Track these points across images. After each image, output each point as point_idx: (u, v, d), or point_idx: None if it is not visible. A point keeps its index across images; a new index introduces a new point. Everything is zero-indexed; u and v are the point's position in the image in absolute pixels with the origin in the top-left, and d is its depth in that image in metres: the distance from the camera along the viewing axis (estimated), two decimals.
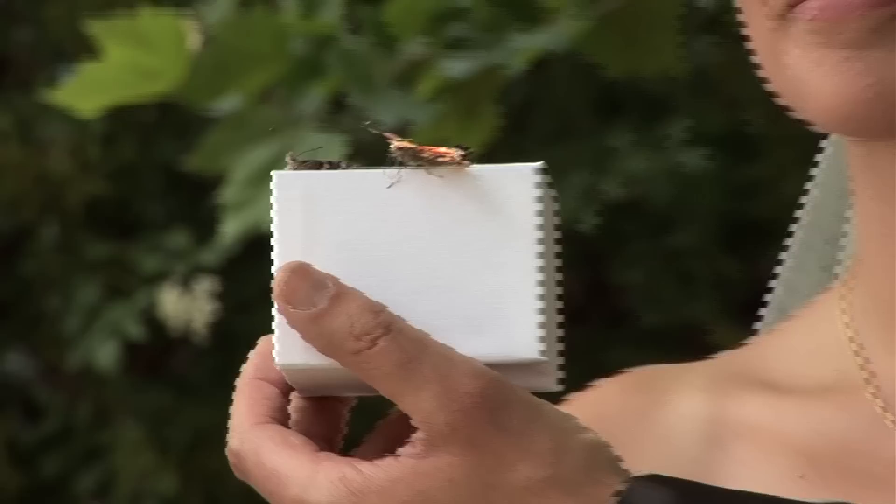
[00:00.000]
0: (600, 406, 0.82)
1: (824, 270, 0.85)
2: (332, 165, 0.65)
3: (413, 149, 0.64)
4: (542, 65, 2.13)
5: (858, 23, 0.67)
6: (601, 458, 0.64)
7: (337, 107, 1.93)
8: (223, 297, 2.56)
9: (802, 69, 0.68)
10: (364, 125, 0.98)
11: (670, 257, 2.93)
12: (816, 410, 0.77)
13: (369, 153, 0.91)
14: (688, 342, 3.01)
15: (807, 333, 0.77)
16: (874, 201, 0.72)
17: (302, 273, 0.64)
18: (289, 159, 0.65)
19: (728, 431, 0.78)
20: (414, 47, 1.90)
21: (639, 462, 0.68)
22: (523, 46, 1.84)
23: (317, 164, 0.64)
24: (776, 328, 0.80)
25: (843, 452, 0.75)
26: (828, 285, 0.79)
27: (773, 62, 0.71)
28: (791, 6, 0.68)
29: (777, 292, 0.86)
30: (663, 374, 0.82)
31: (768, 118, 2.76)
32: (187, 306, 2.52)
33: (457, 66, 1.84)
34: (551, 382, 0.65)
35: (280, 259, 0.64)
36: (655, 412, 0.81)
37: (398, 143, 0.64)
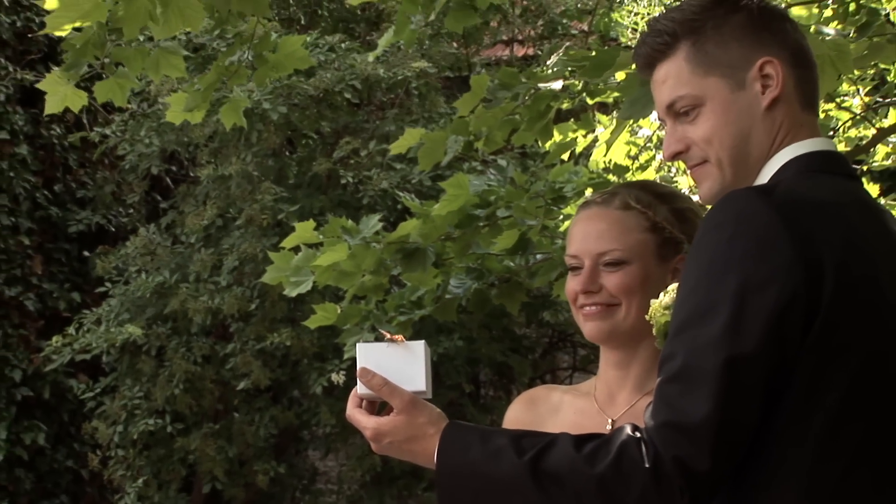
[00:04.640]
0: (532, 395, 2.53)
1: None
2: (369, 341, 2.12)
3: (391, 336, 2.18)
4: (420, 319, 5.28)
5: (590, 315, 2.42)
6: (442, 416, 2.13)
7: (373, 329, 5.21)
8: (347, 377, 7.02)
9: (581, 322, 2.45)
10: (381, 330, 3.53)
11: None
12: (581, 399, 2.50)
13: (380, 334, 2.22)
14: None
15: (592, 382, 2.51)
16: (603, 359, 2.47)
17: (365, 370, 2.16)
18: (360, 340, 2.79)
19: (561, 406, 2.51)
20: (392, 314, 5.21)
21: (546, 413, 2.50)
22: (416, 314, 5.21)
23: (365, 342, 2.13)
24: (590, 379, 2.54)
25: (583, 413, 2.47)
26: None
27: (575, 318, 2.43)
28: (579, 308, 2.44)
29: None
30: (549, 387, 2.53)
31: None
32: (338, 378, 7.05)
33: (401, 318, 5.14)
34: (429, 395, 2.15)
35: (358, 366, 2.15)
36: (548, 399, 2.52)
37: (388, 336, 2.16)
